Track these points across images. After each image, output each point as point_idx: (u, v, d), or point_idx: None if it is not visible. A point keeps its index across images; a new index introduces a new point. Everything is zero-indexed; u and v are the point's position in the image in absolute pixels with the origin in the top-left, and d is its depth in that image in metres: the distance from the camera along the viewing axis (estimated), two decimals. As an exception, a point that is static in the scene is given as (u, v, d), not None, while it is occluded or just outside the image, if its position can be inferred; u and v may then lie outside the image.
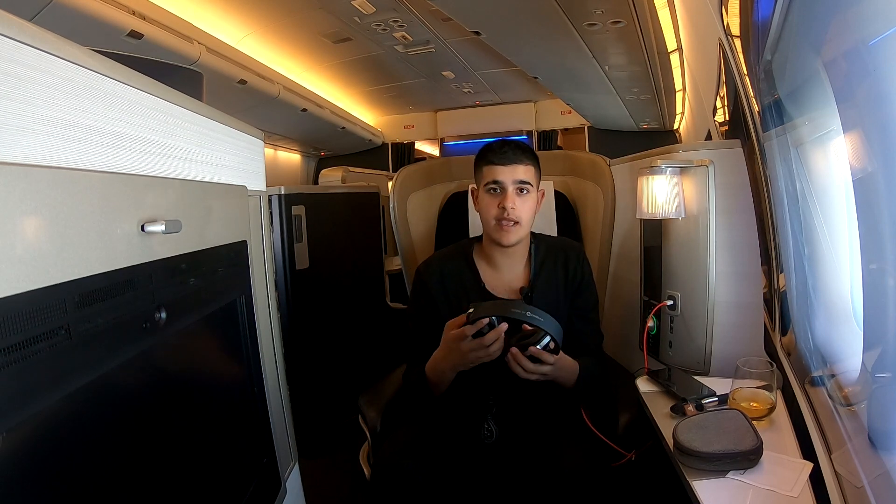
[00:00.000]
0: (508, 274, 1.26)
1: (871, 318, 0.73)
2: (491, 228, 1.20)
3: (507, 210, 1.16)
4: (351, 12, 3.16)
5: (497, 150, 1.20)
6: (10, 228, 0.42)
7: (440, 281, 1.26)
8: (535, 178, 1.22)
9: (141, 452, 0.63)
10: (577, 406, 1.22)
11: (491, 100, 5.86)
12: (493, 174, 1.19)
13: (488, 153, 1.21)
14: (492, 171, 1.19)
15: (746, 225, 1.24)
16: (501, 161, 1.18)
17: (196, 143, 0.80)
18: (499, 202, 1.17)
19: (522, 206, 1.18)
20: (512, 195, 1.17)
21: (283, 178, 6.06)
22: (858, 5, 0.66)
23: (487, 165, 1.20)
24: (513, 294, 1.25)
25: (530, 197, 1.20)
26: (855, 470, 0.67)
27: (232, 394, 0.92)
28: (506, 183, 1.17)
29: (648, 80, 3.82)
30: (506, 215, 1.16)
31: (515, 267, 1.26)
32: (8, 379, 0.41)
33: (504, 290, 1.26)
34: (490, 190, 1.19)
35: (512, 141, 1.22)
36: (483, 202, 1.21)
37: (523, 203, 1.18)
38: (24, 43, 0.45)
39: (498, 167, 1.18)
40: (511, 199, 1.16)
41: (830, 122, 0.84)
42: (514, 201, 1.17)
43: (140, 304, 0.60)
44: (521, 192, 1.18)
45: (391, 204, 1.77)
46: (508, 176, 1.18)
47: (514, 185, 1.17)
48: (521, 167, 1.18)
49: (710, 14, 1.38)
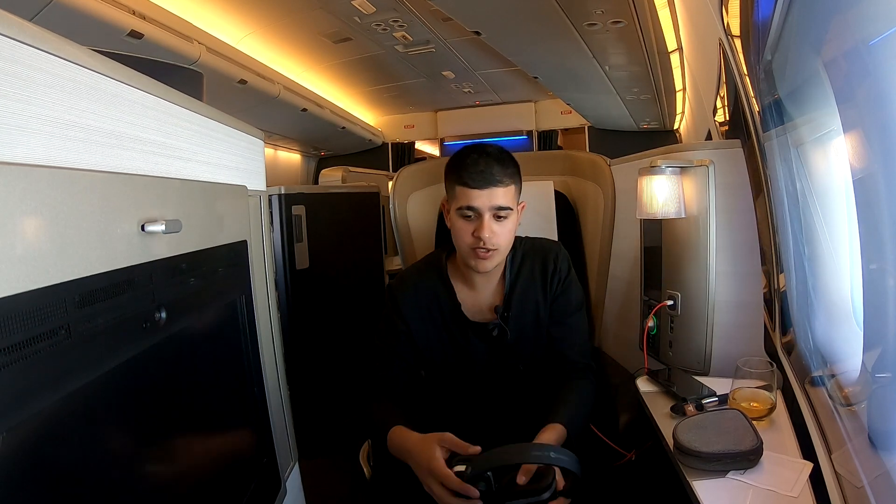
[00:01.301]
0: (484, 291, 1.16)
1: (871, 318, 0.73)
2: (465, 254, 1.08)
3: (483, 240, 1.03)
4: (351, 12, 3.17)
5: (471, 167, 1.03)
6: (10, 228, 0.42)
7: (414, 299, 1.15)
8: (515, 197, 1.07)
9: (141, 452, 0.63)
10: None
11: (491, 100, 5.86)
12: (466, 198, 1.03)
13: (461, 171, 1.04)
14: (465, 194, 1.03)
15: (746, 225, 1.24)
16: (476, 184, 1.02)
17: (196, 143, 0.80)
18: (473, 229, 1.04)
19: (501, 232, 1.05)
20: (489, 223, 1.03)
21: (283, 178, 6.07)
22: (858, 5, 0.66)
23: (460, 186, 1.04)
24: (488, 314, 1.15)
25: (510, 219, 1.06)
26: (855, 470, 0.67)
27: (232, 394, 0.92)
28: (482, 209, 1.02)
29: (648, 80, 3.83)
30: (482, 245, 1.03)
31: (492, 282, 1.16)
32: (8, 379, 0.41)
33: (481, 309, 1.16)
34: (464, 216, 1.05)
35: (489, 152, 1.05)
36: (456, 225, 1.07)
37: (502, 228, 1.05)
38: (24, 43, 0.45)
39: (473, 191, 1.02)
40: (487, 227, 1.02)
41: (830, 122, 0.84)
42: (492, 229, 1.03)
43: (140, 304, 0.60)
44: (499, 218, 1.04)
45: (391, 204, 1.77)
46: (485, 202, 1.02)
47: (491, 211, 1.03)
48: (500, 190, 1.02)
49: (710, 14, 1.38)
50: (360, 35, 3.57)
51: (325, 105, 4.77)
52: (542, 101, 6.00)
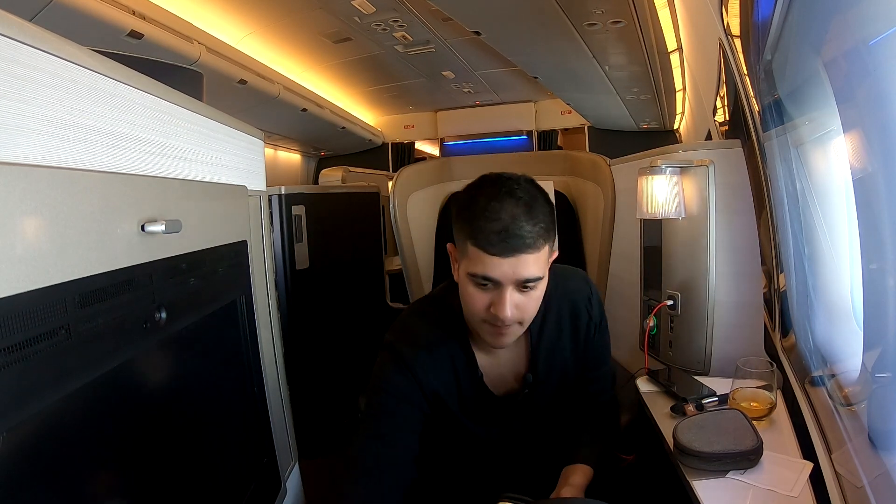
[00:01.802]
0: (505, 356, 0.93)
1: (871, 318, 0.73)
2: (476, 325, 0.83)
3: (502, 320, 0.78)
4: (351, 12, 3.16)
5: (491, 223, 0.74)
6: (10, 228, 0.42)
7: (430, 364, 0.88)
8: (547, 257, 0.80)
9: (141, 452, 0.63)
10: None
11: (491, 100, 5.85)
12: (482, 266, 0.75)
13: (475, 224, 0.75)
14: (481, 260, 0.75)
15: (746, 225, 1.24)
16: (498, 250, 0.74)
17: (196, 143, 0.80)
18: (489, 302, 0.78)
19: (526, 304, 0.79)
20: (511, 296, 0.77)
21: (283, 178, 6.06)
22: (858, 5, 0.66)
23: (476, 248, 0.75)
24: (515, 384, 0.94)
25: (539, 287, 0.80)
26: (855, 470, 0.67)
27: (232, 394, 0.92)
28: (504, 282, 0.76)
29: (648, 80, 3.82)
30: (500, 322, 0.79)
31: (516, 346, 0.91)
32: (8, 379, 0.41)
33: (504, 378, 0.94)
34: (478, 284, 0.78)
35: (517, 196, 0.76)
36: (466, 291, 0.81)
37: (528, 299, 0.79)
38: (23, 43, 0.45)
39: (492, 259, 0.75)
40: (509, 303, 0.77)
41: (830, 121, 0.84)
42: (515, 303, 0.78)
43: (140, 304, 0.60)
44: (525, 289, 0.78)
45: (391, 204, 1.77)
46: (507, 273, 0.75)
47: (516, 283, 0.77)
48: (531, 257, 0.75)
49: (710, 14, 1.37)
50: (360, 35, 3.57)
51: (325, 105, 4.76)
52: (542, 101, 6.00)
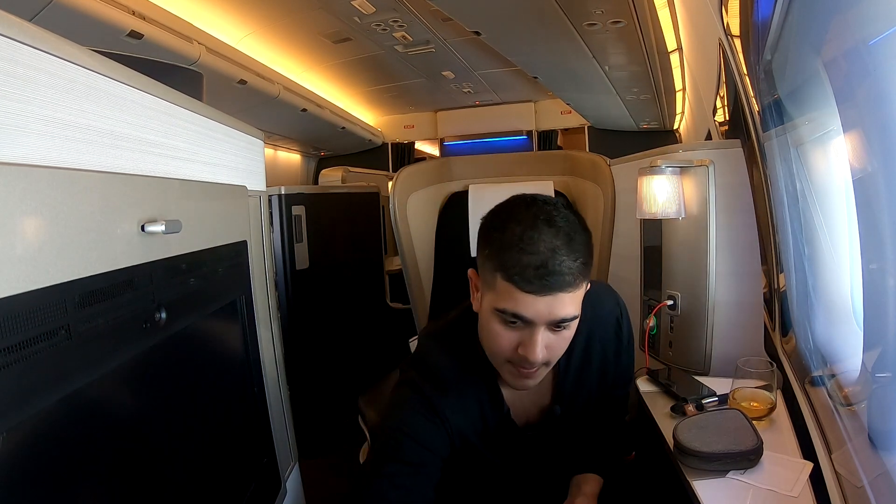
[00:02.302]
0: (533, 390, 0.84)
1: (871, 318, 0.73)
2: (498, 364, 0.77)
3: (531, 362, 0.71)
4: (351, 12, 3.16)
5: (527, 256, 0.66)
6: (10, 228, 0.42)
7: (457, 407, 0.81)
8: (584, 291, 0.72)
9: (141, 453, 0.63)
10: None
11: (491, 100, 5.85)
12: (514, 303, 0.68)
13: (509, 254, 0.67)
14: (513, 297, 0.68)
15: (746, 225, 1.24)
16: (534, 287, 0.66)
17: (196, 144, 0.80)
18: (518, 341, 0.71)
19: (557, 344, 0.73)
20: (542, 337, 0.70)
21: (283, 178, 6.06)
22: (858, 5, 0.66)
23: (507, 282, 0.67)
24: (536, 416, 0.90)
25: (571, 328, 0.73)
26: (855, 470, 0.67)
27: (232, 394, 0.92)
28: (536, 321, 0.69)
29: (648, 80, 3.82)
30: (527, 364, 0.72)
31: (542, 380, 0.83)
32: (8, 379, 0.41)
33: (529, 413, 0.89)
34: (507, 321, 0.70)
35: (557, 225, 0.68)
36: (490, 328, 0.73)
37: (559, 339, 0.72)
38: (23, 43, 0.45)
39: (528, 297, 0.67)
40: (538, 344, 0.70)
41: (830, 121, 0.84)
42: (546, 343, 0.71)
43: (140, 304, 0.60)
44: (559, 329, 0.71)
45: (391, 204, 1.77)
46: (542, 312, 0.68)
47: (550, 323, 0.70)
48: (569, 296, 0.68)
49: (710, 14, 1.37)
50: (360, 35, 3.57)
51: (324, 105, 4.76)
52: (542, 101, 6.00)
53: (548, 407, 0.89)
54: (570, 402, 0.88)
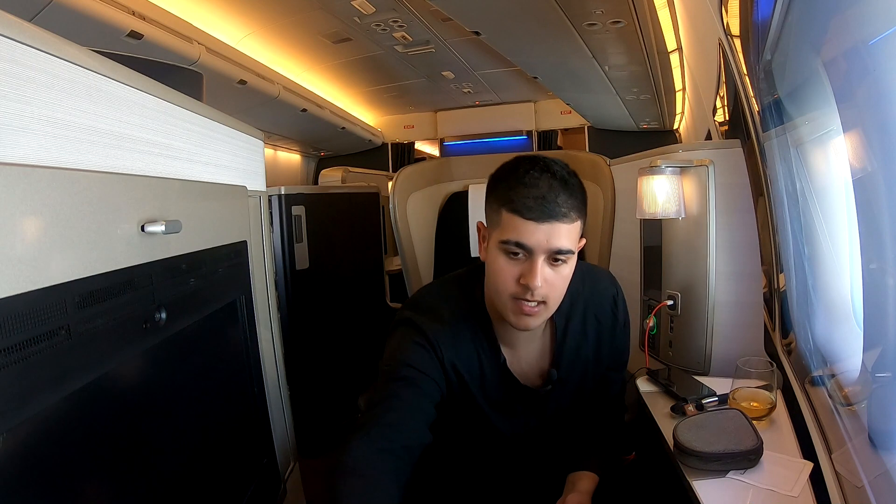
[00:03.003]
0: (528, 348, 0.92)
1: (871, 318, 0.73)
2: (502, 303, 0.81)
3: (530, 289, 0.77)
4: (351, 12, 3.16)
5: (530, 189, 0.76)
6: (10, 228, 0.42)
7: (451, 340, 0.86)
8: (579, 233, 0.80)
9: (141, 453, 0.63)
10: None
11: (491, 100, 5.86)
12: (516, 231, 0.76)
13: (514, 190, 0.77)
14: (516, 225, 0.76)
15: (746, 225, 1.24)
16: (534, 214, 0.75)
17: (196, 144, 0.80)
18: (520, 273, 0.78)
19: (555, 281, 0.79)
20: (541, 267, 0.77)
21: (283, 178, 6.06)
22: (858, 5, 0.66)
23: (510, 213, 0.77)
24: (537, 377, 0.93)
25: (568, 266, 0.79)
26: (855, 470, 0.67)
27: (232, 394, 0.92)
28: (536, 250, 0.76)
29: (648, 80, 3.82)
30: (529, 295, 0.77)
31: (537, 337, 0.92)
32: (8, 379, 0.41)
33: (529, 372, 0.93)
34: (510, 252, 0.78)
35: (553, 170, 0.78)
36: (495, 264, 0.80)
37: (557, 276, 0.79)
38: (24, 43, 0.45)
39: (528, 223, 0.75)
40: (539, 273, 0.76)
41: (830, 121, 0.84)
42: (544, 276, 0.77)
43: (140, 304, 0.60)
44: (556, 262, 0.78)
45: (391, 204, 1.77)
46: (542, 241, 0.75)
47: (548, 253, 0.77)
48: (565, 227, 0.76)
49: (710, 14, 1.37)
50: (360, 35, 3.57)
51: (324, 105, 4.76)
52: (542, 101, 6.00)
53: (546, 371, 0.92)
54: (567, 369, 0.92)
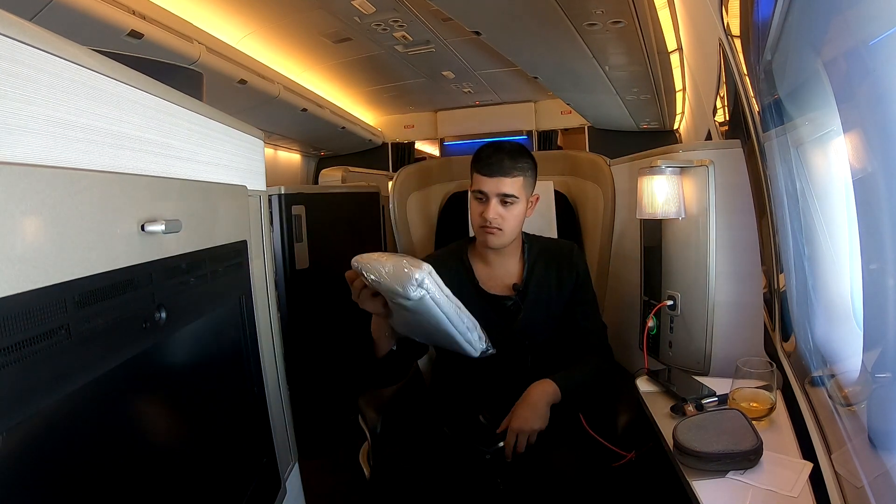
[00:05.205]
0: (500, 270, 1.29)
1: (871, 318, 0.73)
2: (476, 231, 1.24)
3: (488, 220, 1.17)
4: (351, 12, 3.16)
5: (485, 159, 1.19)
6: (10, 228, 0.42)
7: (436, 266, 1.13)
8: (523, 188, 1.20)
9: (141, 452, 0.63)
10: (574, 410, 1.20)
11: (491, 100, 5.86)
12: (478, 183, 1.19)
13: (478, 160, 1.21)
14: (478, 180, 1.20)
15: (746, 225, 1.24)
16: (487, 172, 1.18)
17: (196, 143, 0.80)
18: (482, 210, 1.19)
19: (507, 215, 1.19)
20: (494, 206, 1.18)
21: (283, 178, 6.06)
22: (858, 5, 0.66)
23: (475, 173, 1.21)
24: (506, 290, 1.27)
25: (516, 207, 1.20)
26: (855, 470, 0.67)
27: (232, 394, 0.92)
28: (489, 194, 1.18)
29: (648, 80, 3.82)
30: (487, 224, 1.18)
31: (507, 264, 1.29)
32: (8, 379, 0.41)
33: (497, 286, 1.27)
34: (476, 197, 1.21)
35: (504, 147, 1.20)
36: (471, 205, 1.24)
37: (508, 212, 1.19)
38: (24, 43, 0.45)
39: (483, 178, 1.18)
40: (493, 210, 1.17)
41: (830, 121, 0.84)
42: (497, 212, 1.18)
43: (140, 304, 0.60)
44: (505, 203, 1.18)
45: (391, 204, 1.77)
46: (492, 188, 1.17)
47: (498, 197, 1.17)
48: (508, 180, 1.17)
49: (710, 14, 1.38)
50: (360, 35, 3.57)
51: (325, 105, 4.76)
52: (542, 101, 6.00)
53: (513, 285, 1.27)
54: (533, 291, 1.26)
